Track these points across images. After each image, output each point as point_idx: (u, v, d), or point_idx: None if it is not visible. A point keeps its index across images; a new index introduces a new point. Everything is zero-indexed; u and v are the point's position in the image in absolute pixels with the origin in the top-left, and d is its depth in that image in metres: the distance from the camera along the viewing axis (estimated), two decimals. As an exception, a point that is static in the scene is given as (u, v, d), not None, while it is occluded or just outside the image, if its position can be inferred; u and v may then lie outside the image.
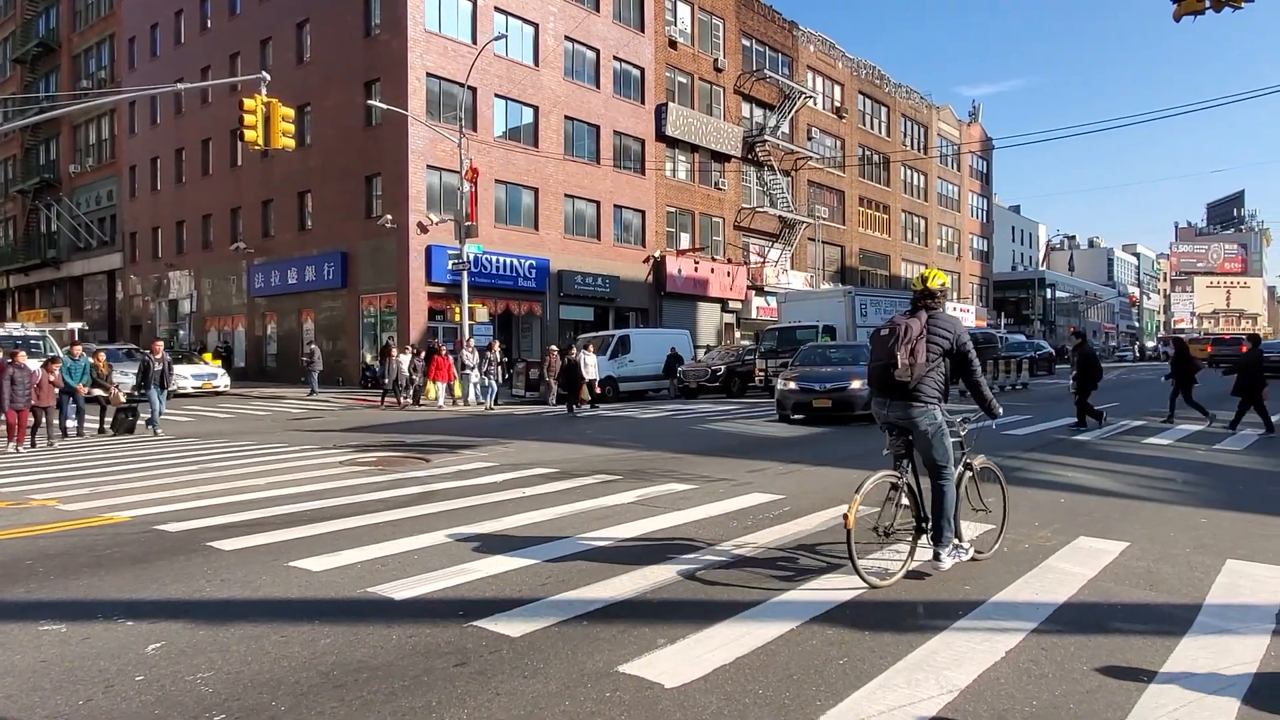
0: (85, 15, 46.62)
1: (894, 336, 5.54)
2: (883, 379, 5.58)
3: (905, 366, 5.40)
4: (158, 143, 41.33)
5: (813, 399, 16.16)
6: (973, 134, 64.53)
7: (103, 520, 7.78)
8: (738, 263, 41.81)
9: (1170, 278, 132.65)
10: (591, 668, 4.05)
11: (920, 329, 5.51)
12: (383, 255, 29.65)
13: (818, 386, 16.26)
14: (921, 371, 5.42)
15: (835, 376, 16.53)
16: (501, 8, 31.37)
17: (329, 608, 5.05)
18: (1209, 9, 11.41)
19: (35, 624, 4.79)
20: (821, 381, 16.37)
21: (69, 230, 46.35)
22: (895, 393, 5.54)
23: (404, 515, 7.76)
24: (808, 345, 21.31)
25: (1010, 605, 4.99)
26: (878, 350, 5.67)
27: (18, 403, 14.24)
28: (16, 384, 14.18)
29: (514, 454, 12.36)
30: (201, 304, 38.72)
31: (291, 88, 30.36)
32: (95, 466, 11.88)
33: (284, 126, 17.01)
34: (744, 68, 42.16)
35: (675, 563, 5.97)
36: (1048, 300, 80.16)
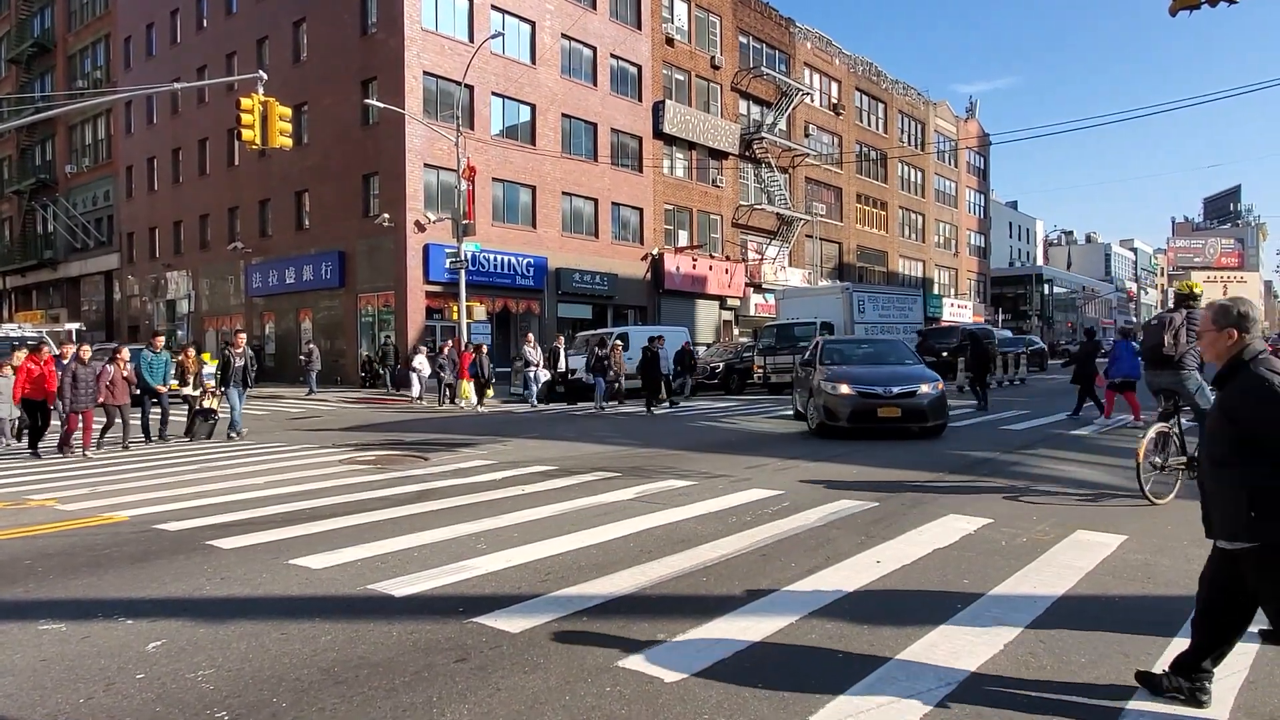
0: (80, 15, 46.53)
1: (1162, 325, 8.69)
2: (1155, 355, 8.76)
3: (1170, 345, 8.53)
4: (154, 143, 41.27)
5: (878, 406, 12.75)
6: (970, 130, 64.54)
7: (101, 520, 7.78)
8: (736, 260, 41.80)
9: (1167, 272, 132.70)
10: (591, 663, 4.06)
11: (1181, 320, 8.62)
12: (380, 254, 29.63)
13: (882, 391, 12.87)
14: (1183, 349, 8.48)
15: (899, 378, 13.32)
16: (498, 6, 31.34)
17: (329, 605, 5.06)
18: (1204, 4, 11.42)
19: (35, 623, 4.80)
20: (885, 384, 13.01)
21: (65, 231, 46.27)
22: (1165, 365, 8.64)
23: (403, 513, 7.76)
24: (834, 339, 18.32)
25: (1009, 598, 5.01)
26: (1150, 335, 8.87)
27: (81, 403, 13.13)
28: (80, 383, 13.07)
29: (512, 452, 12.37)
30: (199, 304, 38.69)
31: (288, 87, 30.32)
32: (99, 468, 11.88)
33: (281, 126, 16.99)
34: (741, 65, 42.14)
35: (674, 559, 5.99)
36: (1045, 296, 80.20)
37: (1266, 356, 3.49)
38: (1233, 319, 3.57)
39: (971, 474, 9.61)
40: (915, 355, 15.73)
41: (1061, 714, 3.51)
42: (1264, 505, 3.28)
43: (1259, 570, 3.37)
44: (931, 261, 58.87)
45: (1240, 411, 3.43)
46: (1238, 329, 3.56)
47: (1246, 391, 3.42)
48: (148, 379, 14.81)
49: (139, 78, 39.66)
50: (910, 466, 10.11)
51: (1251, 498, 3.32)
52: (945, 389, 13.48)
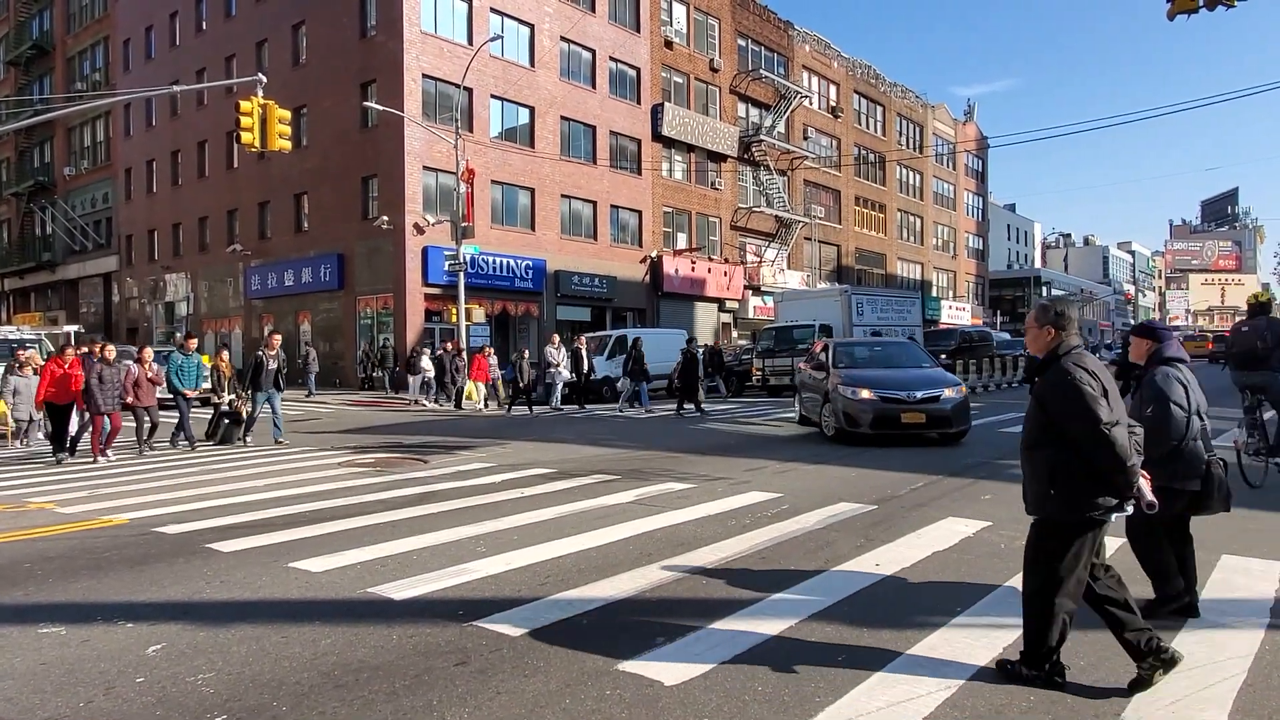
0: (79, 17, 46.52)
1: (1254, 332, 9.75)
2: (1248, 357, 9.80)
3: (1263, 347, 9.57)
4: (153, 145, 41.25)
5: (901, 411, 12.14)
6: (968, 133, 64.62)
7: (101, 523, 7.77)
8: (734, 262, 41.82)
9: (1165, 275, 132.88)
10: (591, 666, 4.07)
11: (1266, 324, 9.75)
12: (379, 256, 29.63)
13: (906, 395, 12.20)
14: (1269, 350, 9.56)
15: (922, 382, 12.61)
16: (497, 9, 31.35)
17: (329, 608, 5.06)
18: (1202, 7, 11.45)
19: (35, 626, 4.80)
20: (908, 389, 12.31)
21: (64, 233, 46.23)
22: (1255, 365, 9.72)
23: (403, 516, 7.76)
24: (846, 341, 17.69)
25: (1008, 601, 5.01)
26: (1242, 340, 9.95)
27: (106, 405, 12.60)
28: (105, 383, 12.58)
29: (512, 454, 12.37)
30: (198, 306, 38.66)
31: (287, 89, 30.32)
32: (103, 472, 11.86)
33: (281, 129, 16.99)
34: (740, 68, 42.17)
35: (674, 562, 5.99)
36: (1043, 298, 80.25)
37: (1079, 353, 3.83)
38: (1050, 318, 3.91)
39: (970, 477, 9.62)
40: (931, 357, 15.20)
41: (1062, 717, 3.52)
42: (1061, 483, 3.72)
43: (1045, 540, 3.85)
44: (930, 264, 58.92)
45: (1048, 400, 3.79)
46: (1055, 327, 3.89)
47: (1054, 383, 3.77)
48: (177, 382, 14.18)
49: (138, 80, 39.64)
50: (909, 469, 10.12)
51: (1052, 476, 3.75)
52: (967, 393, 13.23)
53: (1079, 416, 3.64)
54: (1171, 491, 4.57)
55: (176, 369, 14.26)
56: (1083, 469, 3.69)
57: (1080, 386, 3.66)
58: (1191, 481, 4.65)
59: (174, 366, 14.29)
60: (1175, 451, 4.62)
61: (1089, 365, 3.76)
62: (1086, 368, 3.73)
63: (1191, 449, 4.64)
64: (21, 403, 15.45)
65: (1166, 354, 4.91)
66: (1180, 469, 4.63)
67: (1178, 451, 4.62)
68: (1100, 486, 3.69)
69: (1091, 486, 3.70)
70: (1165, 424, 4.62)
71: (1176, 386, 4.72)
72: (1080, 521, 3.75)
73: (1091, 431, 3.62)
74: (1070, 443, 3.71)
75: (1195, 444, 4.66)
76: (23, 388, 15.47)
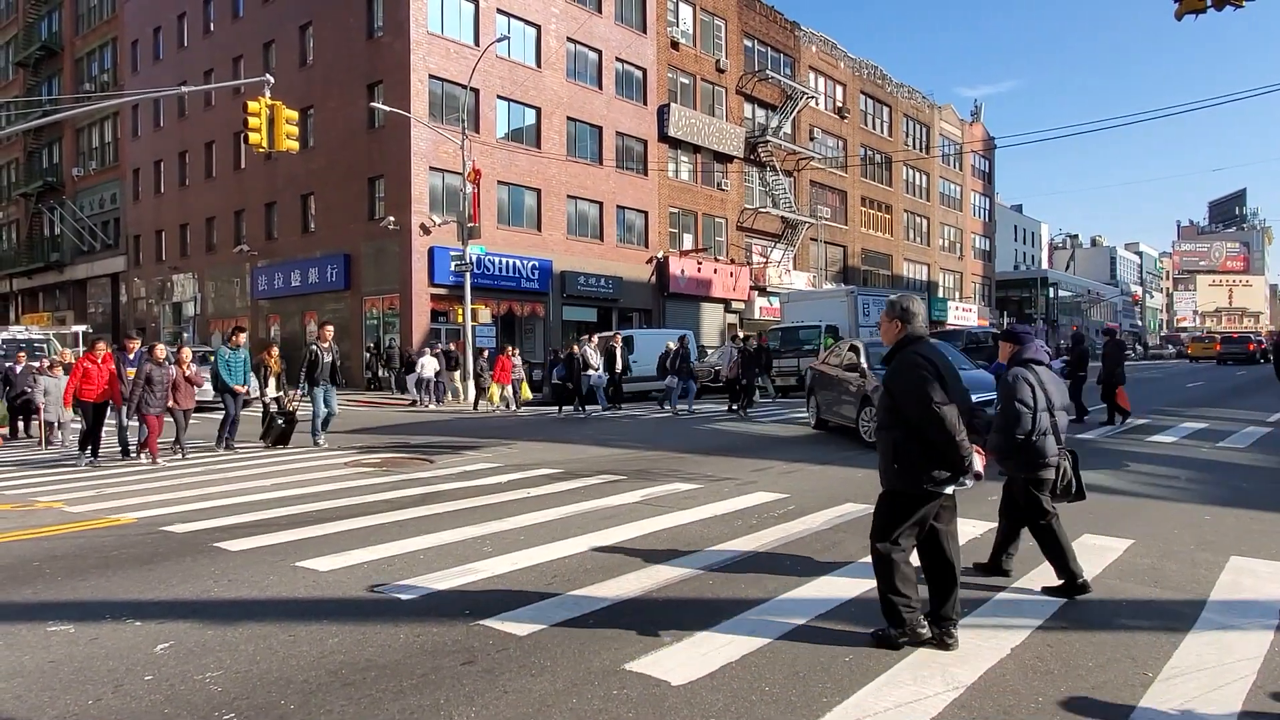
0: (88, 18, 46.70)
1: None
2: None
3: None
4: (161, 146, 41.39)
5: None
6: (975, 134, 64.46)
7: (109, 522, 7.80)
8: (740, 263, 41.80)
9: (1173, 276, 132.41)
10: (598, 666, 4.07)
11: None
12: (386, 257, 29.68)
13: None
14: None
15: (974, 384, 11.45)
16: (504, 10, 31.39)
17: (336, 607, 5.07)
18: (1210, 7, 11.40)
19: (44, 625, 4.81)
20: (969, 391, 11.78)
21: (72, 233, 46.42)
22: None
23: (409, 516, 7.78)
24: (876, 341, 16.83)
25: (1015, 602, 5.01)
26: None
27: (154, 406, 12.04)
28: (154, 384, 12.00)
29: (518, 455, 12.38)
30: (205, 306, 38.78)
31: (294, 90, 30.40)
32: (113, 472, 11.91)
33: (288, 129, 17.03)
34: (746, 68, 42.14)
35: (681, 562, 5.99)
36: (1050, 299, 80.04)
37: (924, 342, 4.34)
38: (898, 313, 4.41)
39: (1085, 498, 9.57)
40: (967, 359, 14.31)
41: (1071, 718, 3.51)
42: (903, 460, 4.19)
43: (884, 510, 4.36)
44: (936, 265, 58.79)
45: (892, 384, 4.29)
46: (901, 320, 4.39)
47: (897, 369, 4.29)
48: (226, 378, 13.47)
49: (146, 81, 39.77)
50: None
51: (895, 453, 4.22)
52: None
53: (914, 398, 4.12)
54: (1039, 480, 5.30)
55: (225, 364, 13.58)
56: (921, 447, 4.15)
57: (918, 372, 4.15)
58: (1047, 469, 5.27)
59: (221, 361, 13.65)
60: (1025, 444, 5.20)
61: (926, 353, 4.23)
62: (924, 355, 4.22)
63: (1041, 442, 5.21)
64: (52, 404, 15.20)
65: (1025, 356, 5.45)
66: (1035, 459, 5.24)
67: (1028, 444, 5.19)
68: (936, 462, 4.15)
69: (928, 462, 4.16)
70: (1013, 421, 5.18)
71: (1024, 387, 5.23)
72: (919, 493, 4.20)
73: (924, 410, 4.08)
74: (910, 422, 4.17)
75: (1045, 438, 5.21)
76: (53, 388, 15.26)
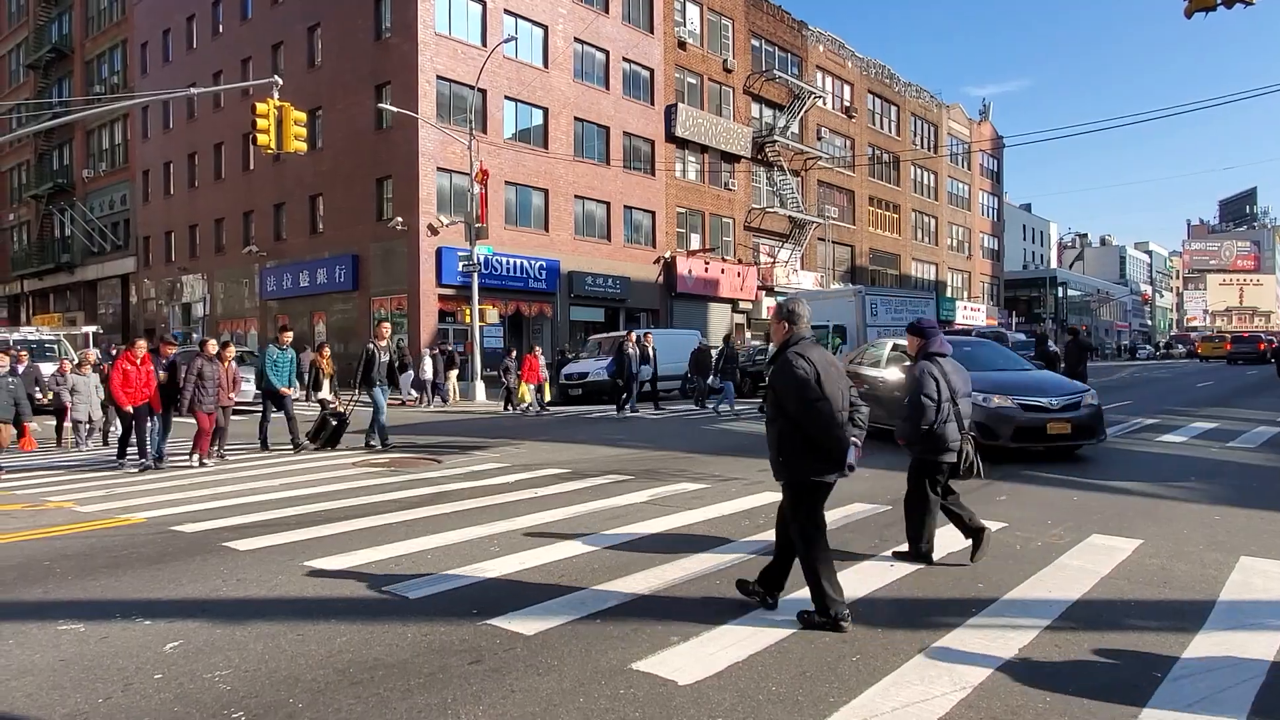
0: (98, 21, 46.95)
1: None
2: None
3: None
4: (170, 147, 41.59)
5: (1046, 421, 10.42)
6: (983, 133, 64.28)
7: (119, 521, 7.84)
8: (748, 263, 41.77)
9: (1183, 275, 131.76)
10: (605, 665, 4.07)
11: None
12: (393, 257, 29.76)
13: (1046, 402, 10.62)
14: None
15: (1051, 386, 11.20)
16: (511, 10, 31.45)
17: (344, 606, 5.09)
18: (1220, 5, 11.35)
19: (54, 624, 4.84)
20: (1046, 394, 10.79)
21: (83, 235, 46.67)
22: None
23: (417, 515, 7.80)
24: None
25: (1023, 603, 4.99)
26: None
27: (207, 404, 11.64)
28: (206, 380, 11.63)
29: (526, 455, 12.39)
30: (214, 307, 38.95)
31: (303, 91, 30.50)
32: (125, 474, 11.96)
33: (296, 130, 17.09)
34: (753, 68, 42.12)
35: (688, 561, 5.99)
36: (1059, 299, 79.76)
37: (805, 343, 4.64)
38: (784, 315, 4.75)
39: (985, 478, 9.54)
40: (1022, 359, 13.54)
41: (1080, 717, 3.50)
42: (786, 452, 4.55)
43: (786, 499, 4.71)
44: (944, 264, 58.65)
45: (776, 381, 4.59)
46: (788, 322, 4.72)
47: (779, 367, 4.58)
48: (273, 379, 13.03)
49: (155, 83, 39.96)
50: (924, 470, 10.06)
51: (780, 446, 4.57)
52: None
53: (794, 394, 4.45)
54: (933, 463, 5.83)
55: (272, 364, 13.08)
56: (801, 439, 4.49)
57: (795, 370, 4.47)
58: (949, 454, 5.78)
59: (269, 361, 13.12)
60: (930, 431, 5.71)
61: (807, 353, 4.56)
62: (805, 355, 4.54)
63: (943, 429, 5.71)
64: (81, 402, 14.82)
65: (930, 350, 5.91)
66: (938, 445, 5.75)
67: (931, 431, 5.71)
68: (816, 453, 4.48)
69: (808, 454, 4.49)
70: (919, 411, 5.69)
71: (928, 380, 5.74)
72: (803, 482, 4.56)
73: (801, 406, 4.43)
74: (791, 416, 4.51)
75: (948, 425, 5.73)
76: (82, 386, 14.85)
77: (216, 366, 11.92)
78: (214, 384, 11.75)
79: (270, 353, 13.37)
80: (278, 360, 13.18)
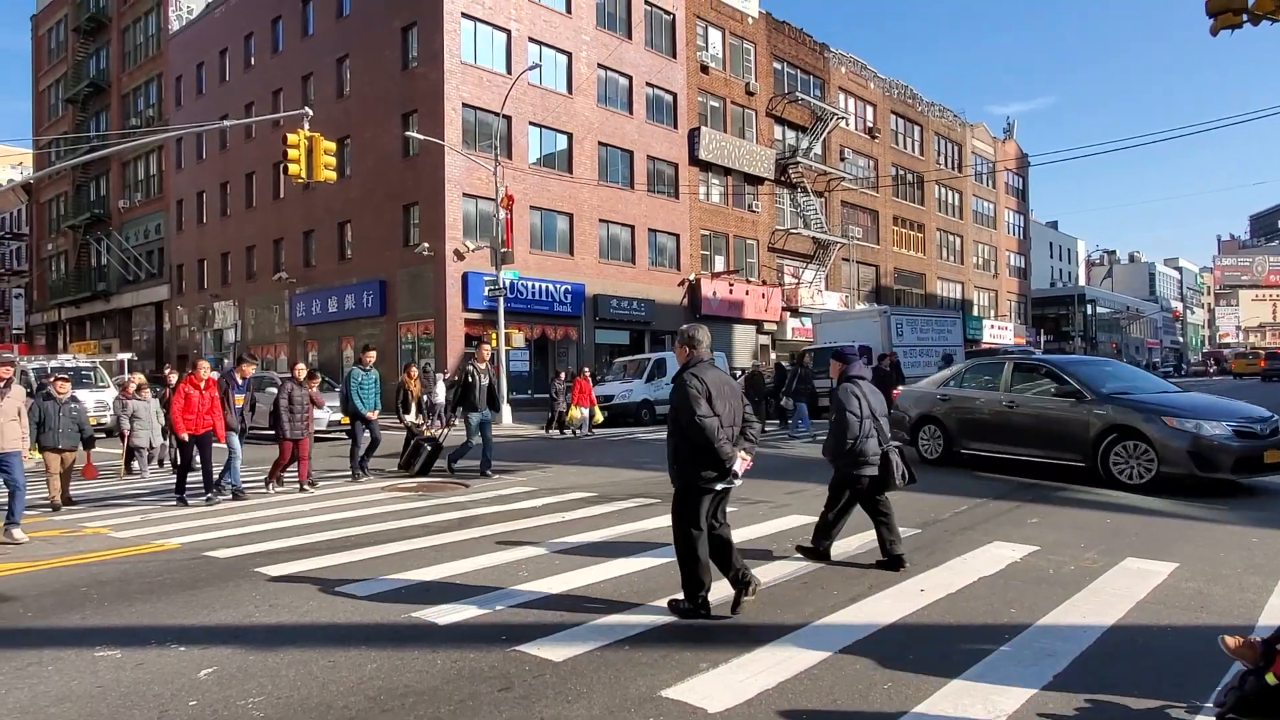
0: (134, 55, 48.16)
1: None
2: None
3: None
4: (203, 177, 42.44)
5: (1263, 450, 9.61)
6: (1008, 151, 63.96)
7: (154, 547, 7.96)
8: (772, 284, 41.73)
9: (1214, 291, 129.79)
10: (635, 692, 4.07)
11: None
12: (420, 282, 30.08)
13: (1260, 429, 9.86)
14: None
15: (1244, 412, 10.33)
16: (536, 38, 31.88)
17: (375, 632, 5.13)
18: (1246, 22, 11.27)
19: (91, 650, 4.92)
20: (1251, 421, 9.98)
21: (118, 263, 47.63)
22: None
23: (445, 540, 7.84)
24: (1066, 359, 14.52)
25: (1057, 629, 4.92)
26: None
27: (296, 429, 11.38)
28: (295, 404, 11.41)
29: (552, 478, 12.42)
30: (245, 333, 39.51)
31: (332, 121, 31.05)
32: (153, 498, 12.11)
33: (326, 159, 17.36)
34: (775, 91, 42.29)
35: (716, 586, 5.95)
36: (1088, 316, 78.82)
37: (702, 365, 5.21)
38: (684, 340, 5.35)
39: (1015, 499, 9.45)
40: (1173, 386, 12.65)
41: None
42: (680, 460, 5.17)
43: (675, 500, 5.29)
44: (970, 283, 58.22)
45: (674, 398, 5.19)
46: (688, 346, 5.31)
47: (676, 386, 5.19)
48: (359, 403, 12.48)
49: (189, 115, 40.87)
50: (952, 492, 9.98)
51: (675, 456, 5.20)
52: None
53: (686, 410, 5.01)
54: (857, 477, 6.35)
55: (357, 386, 12.56)
56: (692, 450, 5.06)
57: (689, 389, 5.05)
58: (869, 468, 6.30)
59: (355, 384, 12.58)
60: (853, 448, 6.26)
61: (702, 374, 5.13)
62: (700, 376, 5.12)
63: (864, 444, 6.27)
64: (141, 428, 14.54)
65: (850, 373, 6.60)
66: (858, 460, 6.29)
67: (854, 447, 6.26)
68: (705, 464, 5.05)
69: (698, 464, 5.07)
70: (844, 427, 6.27)
71: (852, 399, 6.36)
72: (694, 488, 5.14)
73: (691, 421, 4.98)
74: (684, 431, 5.06)
75: (868, 440, 6.28)
76: (142, 412, 14.61)
77: (305, 391, 11.72)
78: (301, 408, 11.53)
79: (354, 375, 12.78)
80: (363, 383, 12.68)
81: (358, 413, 12.57)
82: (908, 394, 14.20)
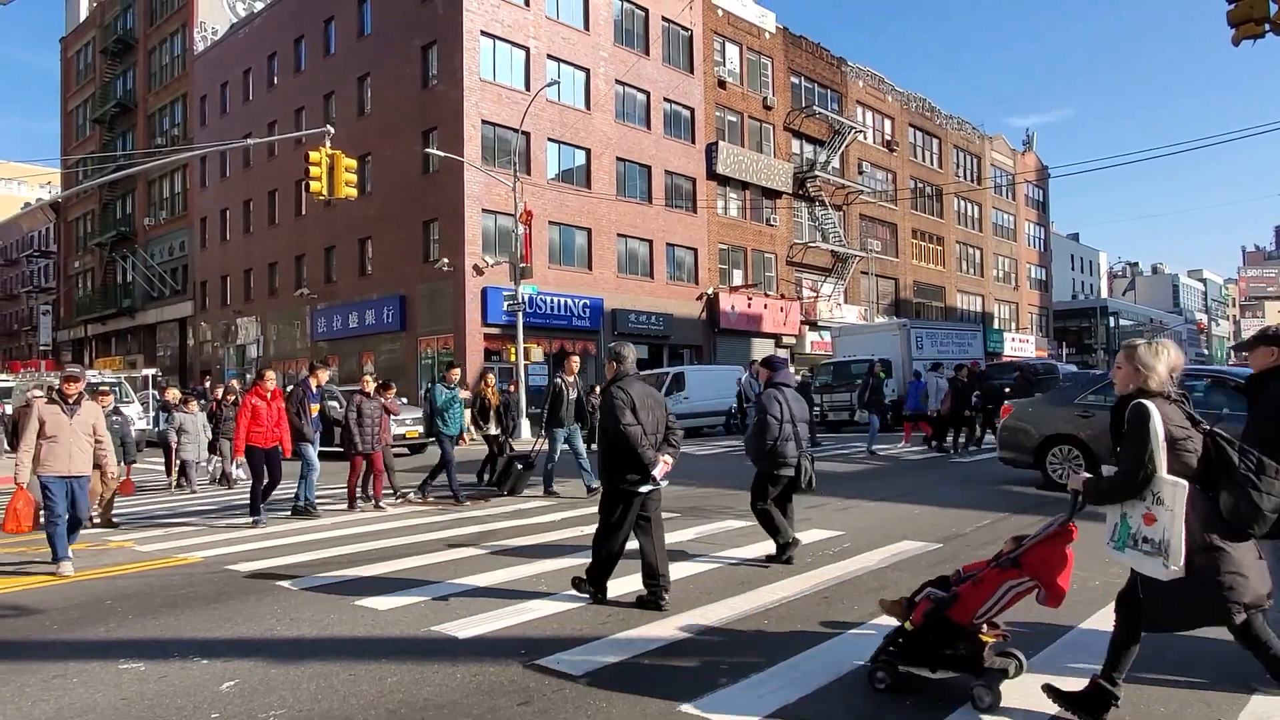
0: (160, 76, 48.98)
1: None
2: None
3: None
4: (227, 195, 43.00)
5: None
6: (1027, 163, 63.65)
7: (177, 561, 8.03)
8: (791, 298, 41.66)
9: (1239, 303, 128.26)
10: (654, 708, 4.05)
11: None
12: (440, 298, 30.27)
13: None
14: None
15: None
16: (554, 55, 32.14)
17: (395, 646, 5.14)
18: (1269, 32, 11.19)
19: (116, 662, 4.96)
20: None
21: (143, 280, 48.29)
22: None
23: (464, 554, 7.85)
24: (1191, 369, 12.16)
25: (1084, 643, 4.87)
26: None
27: (366, 443, 11.03)
28: (365, 418, 11.04)
29: (570, 492, 12.41)
30: (267, 348, 39.88)
31: (353, 139, 31.40)
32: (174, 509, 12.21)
33: (347, 177, 17.58)
34: (793, 105, 42.36)
35: (734, 600, 5.94)
36: (1111, 329, 78.06)
37: (628, 379, 5.81)
38: (613, 356, 5.94)
39: (1037, 513, 9.34)
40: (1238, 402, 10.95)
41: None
42: (605, 465, 5.79)
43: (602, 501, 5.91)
44: (991, 296, 57.86)
45: (601, 409, 5.82)
46: (616, 361, 5.91)
47: (604, 398, 5.81)
48: (441, 425, 11.81)
49: (213, 134, 41.47)
50: (973, 506, 9.89)
51: (604, 462, 5.81)
52: None
53: (612, 420, 5.60)
54: (775, 476, 7.04)
55: (443, 403, 11.90)
56: (619, 457, 5.64)
57: (615, 401, 5.64)
58: (786, 469, 6.99)
59: (440, 402, 11.89)
60: (772, 449, 6.93)
61: (628, 388, 5.73)
62: (626, 389, 5.71)
63: (783, 447, 6.94)
64: (189, 442, 14.36)
65: (776, 380, 7.25)
66: (778, 460, 6.97)
67: (774, 449, 6.93)
68: (630, 469, 5.61)
69: (624, 468, 5.63)
70: (764, 429, 6.93)
71: (774, 404, 7.01)
72: (619, 491, 5.70)
73: (617, 428, 5.56)
74: (611, 438, 5.67)
75: (786, 443, 6.94)
76: (189, 425, 14.46)
77: (376, 404, 11.36)
78: (372, 421, 11.15)
79: (438, 393, 11.96)
80: (447, 403, 11.89)
81: (440, 434, 11.82)
82: (1025, 409, 12.28)
